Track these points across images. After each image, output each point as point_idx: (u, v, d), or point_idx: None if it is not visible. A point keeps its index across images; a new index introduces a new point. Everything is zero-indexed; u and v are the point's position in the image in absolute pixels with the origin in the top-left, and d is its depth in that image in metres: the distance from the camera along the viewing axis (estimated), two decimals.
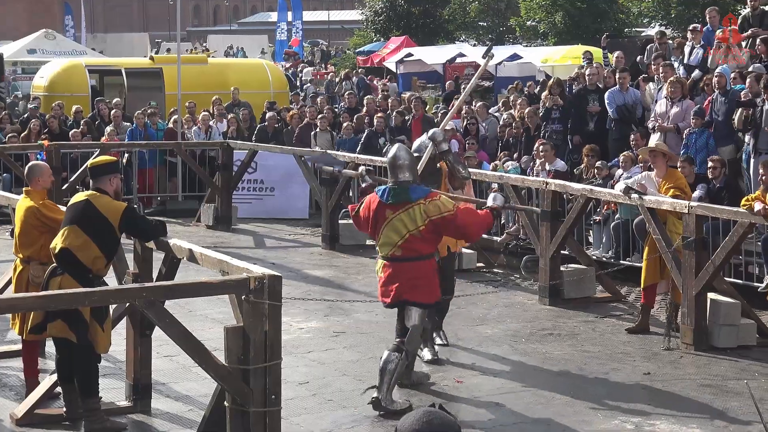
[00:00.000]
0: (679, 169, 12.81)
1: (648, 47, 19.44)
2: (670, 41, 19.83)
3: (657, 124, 15.52)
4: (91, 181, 9.15)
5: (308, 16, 79.38)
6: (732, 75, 15.43)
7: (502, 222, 16.09)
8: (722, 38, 16.69)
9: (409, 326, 9.53)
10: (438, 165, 10.92)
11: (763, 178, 11.06)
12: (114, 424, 8.82)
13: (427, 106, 23.34)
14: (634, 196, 12.03)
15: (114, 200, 8.90)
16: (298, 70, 39.43)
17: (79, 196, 9.11)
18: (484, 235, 12.67)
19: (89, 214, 8.76)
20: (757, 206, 10.86)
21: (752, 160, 14.22)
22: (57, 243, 8.77)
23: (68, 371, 8.85)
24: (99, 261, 8.74)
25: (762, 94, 14.13)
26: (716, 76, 15.37)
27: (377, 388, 9.34)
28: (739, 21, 17.70)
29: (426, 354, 10.75)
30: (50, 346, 9.79)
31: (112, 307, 9.17)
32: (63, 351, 8.81)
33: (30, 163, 10.28)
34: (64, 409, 9.01)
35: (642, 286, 12.32)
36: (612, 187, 13.67)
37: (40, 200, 9.44)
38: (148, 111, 21.47)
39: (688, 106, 15.34)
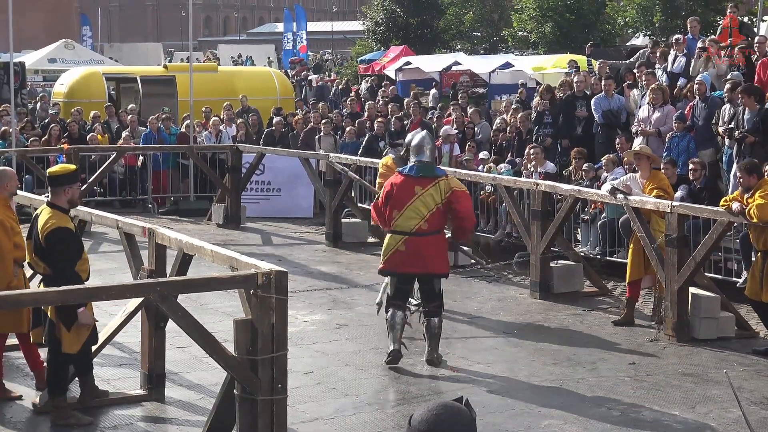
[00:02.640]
0: (662, 171, 12.81)
1: (640, 52, 19.42)
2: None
3: (639, 128, 15.53)
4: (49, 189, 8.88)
5: (313, 26, 79.21)
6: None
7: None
8: (721, 38, 16.75)
9: (438, 290, 10.30)
10: None
11: (741, 180, 11.06)
12: (79, 419, 8.67)
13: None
14: (620, 196, 12.03)
15: (52, 218, 8.52)
16: (302, 76, 39.39)
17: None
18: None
19: (34, 230, 8.65)
20: (735, 206, 10.87)
21: (734, 165, 14.18)
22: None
23: (80, 364, 8.83)
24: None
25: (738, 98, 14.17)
26: (696, 84, 15.37)
27: (431, 349, 10.21)
28: (718, 31, 17.71)
29: (413, 301, 11.31)
30: None
31: (128, 302, 9.17)
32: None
33: None
34: (78, 397, 9.00)
35: (627, 281, 12.32)
36: (599, 187, 13.67)
37: (3, 207, 9.22)
38: (162, 116, 21.47)
39: (669, 111, 15.34)
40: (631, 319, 12.12)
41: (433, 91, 27.63)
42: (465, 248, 12.95)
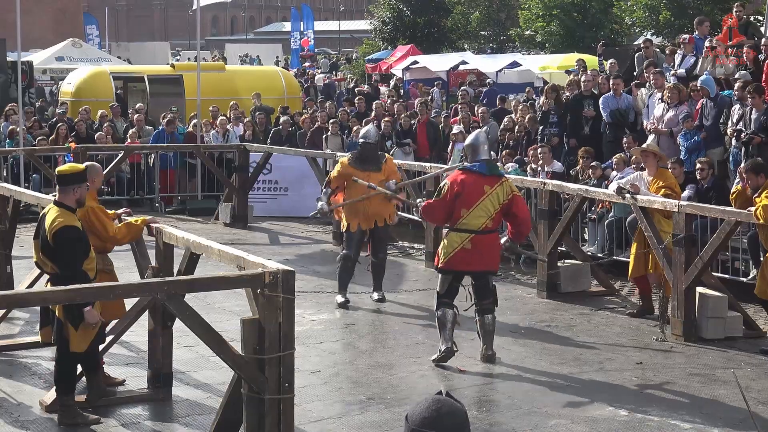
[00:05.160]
0: (669, 170, 12.79)
1: (636, 55, 19.42)
2: (657, 49, 19.79)
3: (653, 126, 15.50)
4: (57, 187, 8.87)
5: (320, 25, 79.24)
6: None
7: None
8: (721, 38, 16.71)
9: (492, 286, 10.52)
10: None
11: (749, 181, 11.04)
12: (86, 419, 8.68)
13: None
14: (627, 195, 12.02)
15: (59, 217, 8.50)
16: (309, 75, 39.42)
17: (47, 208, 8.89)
18: None
19: (41, 229, 8.65)
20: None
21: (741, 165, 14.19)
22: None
23: (88, 362, 8.85)
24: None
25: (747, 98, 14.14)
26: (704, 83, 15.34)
27: (486, 347, 10.36)
28: (725, 30, 17.69)
29: (376, 295, 12.69)
30: None
31: (135, 301, 9.18)
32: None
33: (86, 163, 10.11)
34: (86, 396, 9.02)
35: (629, 277, 12.34)
36: (606, 187, 13.65)
37: (93, 200, 9.30)
38: (168, 116, 21.48)
39: (683, 110, 15.29)
40: (650, 308, 12.17)
41: (466, 88, 27.54)
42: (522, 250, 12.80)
